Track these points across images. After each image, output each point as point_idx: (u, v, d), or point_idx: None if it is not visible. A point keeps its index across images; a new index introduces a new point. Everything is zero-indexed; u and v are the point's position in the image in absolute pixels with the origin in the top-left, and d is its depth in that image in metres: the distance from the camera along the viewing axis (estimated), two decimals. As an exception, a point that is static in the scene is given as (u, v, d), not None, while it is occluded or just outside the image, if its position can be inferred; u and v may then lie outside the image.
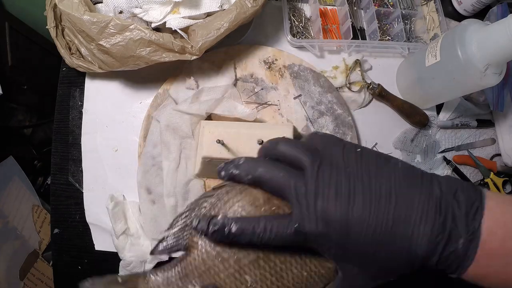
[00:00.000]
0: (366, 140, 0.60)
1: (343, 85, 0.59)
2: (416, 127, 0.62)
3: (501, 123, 0.65)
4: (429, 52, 0.54)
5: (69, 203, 0.55)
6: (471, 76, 0.48)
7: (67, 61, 0.53)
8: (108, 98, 0.57)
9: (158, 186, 0.51)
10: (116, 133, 0.56)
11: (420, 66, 0.56)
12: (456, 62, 0.48)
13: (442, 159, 0.63)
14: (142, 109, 0.56)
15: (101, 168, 0.55)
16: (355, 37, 0.62)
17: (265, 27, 0.61)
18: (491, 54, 0.46)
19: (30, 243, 0.83)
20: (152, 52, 0.48)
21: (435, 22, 0.65)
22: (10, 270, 0.81)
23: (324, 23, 0.63)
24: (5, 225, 0.82)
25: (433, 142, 0.63)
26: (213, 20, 0.49)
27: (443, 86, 0.54)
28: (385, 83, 0.61)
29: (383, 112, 0.62)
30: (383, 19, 0.66)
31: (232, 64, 0.57)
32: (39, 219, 0.83)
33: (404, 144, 0.61)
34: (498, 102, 0.61)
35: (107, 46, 0.48)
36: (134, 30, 0.47)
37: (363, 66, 0.62)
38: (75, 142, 0.56)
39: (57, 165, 0.56)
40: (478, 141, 0.65)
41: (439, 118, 0.64)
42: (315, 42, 0.60)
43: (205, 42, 0.49)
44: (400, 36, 0.62)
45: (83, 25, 0.47)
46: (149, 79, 0.57)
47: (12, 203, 0.83)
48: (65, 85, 0.58)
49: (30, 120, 0.90)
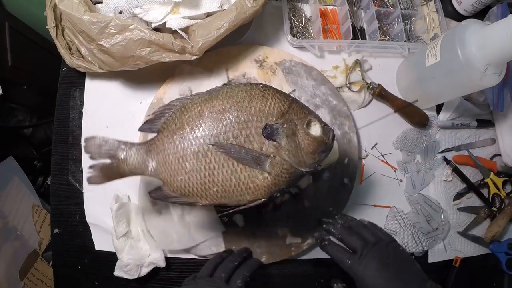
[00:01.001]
0: (366, 140, 0.60)
1: (343, 85, 0.59)
2: (416, 127, 0.62)
3: (501, 123, 0.65)
4: (429, 52, 0.54)
5: (69, 203, 0.55)
6: (471, 76, 0.48)
7: (67, 61, 0.53)
8: (108, 98, 0.57)
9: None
10: (116, 133, 0.55)
11: (420, 66, 0.56)
12: (456, 62, 0.48)
13: (442, 159, 0.63)
14: (142, 109, 0.56)
15: (101, 168, 0.55)
16: (355, 37, 0.62)
17: (265, 27, 0.61)
18: (491, 54, 0.46)
19: (30, 243, 0.83)
20: (152, 52, 0.48)
21: (435, 22, 0.65)
22: (10, 270, 0.81)
23: (324, 23, 0.63)
24: (5, 225, 0.82)
25: (433, 142, 0.63)
26: (213, 20, 0.49)
27: (443, 86, 0.54)
28: (385, 83, 0.61)
29: (383, 112, 0.62)
30: (383, 19, 0.66)
31: (223, 67, 0.57)
32: (39, 219, 0.83)
33: (404, 144, 0.61)
34: (498, 102, 0.61)
35: (107, 46, 0.48)
36: (134, 30, 0.47)
37: (363, 66, 0.62)
38: (75, 142, 0.56)
39: (57, 165, 0.56)
40: (478, 141, 0.65)
41: (439, 118, 0.64)
42: (315, 42, 0.60)
43: (205, 42, 0.48)
44: (400, 36, 0.62)
45: (83, 25, 0.47)
46: (149, 79, 0.57)
47: (12, 203, 0.83)
48: (65, 85, 0.58)
49: (30, 120, 0.90)
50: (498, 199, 0.63)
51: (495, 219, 0.62)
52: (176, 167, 0.36)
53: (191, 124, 0.36)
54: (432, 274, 0.61)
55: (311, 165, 0.35)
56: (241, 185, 0.35)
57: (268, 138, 0.34)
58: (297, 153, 0.35)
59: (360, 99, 0.60)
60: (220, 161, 0.34)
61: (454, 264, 0.60)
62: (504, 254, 0.63)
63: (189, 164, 0.35)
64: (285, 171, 0.35)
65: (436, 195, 0.62)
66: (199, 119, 0.36)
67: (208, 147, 0.35)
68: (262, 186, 0.35)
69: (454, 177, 0.63)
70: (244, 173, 0.34)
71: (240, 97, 0.35)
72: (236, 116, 0.35)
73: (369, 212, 0.59)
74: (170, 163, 0.36)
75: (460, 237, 0.63)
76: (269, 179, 0.35)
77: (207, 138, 0.35)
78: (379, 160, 0.61)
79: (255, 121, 0.34)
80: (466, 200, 0.64)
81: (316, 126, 0.36)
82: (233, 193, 0.35)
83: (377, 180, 0.60)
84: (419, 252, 0.60)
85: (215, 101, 0.36)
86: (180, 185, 0.36)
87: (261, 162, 0.34)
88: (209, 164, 0.35)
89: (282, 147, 0.34)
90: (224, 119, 0.35)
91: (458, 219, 0.63)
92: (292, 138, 0.34)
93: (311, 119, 0.36)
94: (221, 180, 0.35)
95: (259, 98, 0.35)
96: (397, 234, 0.59)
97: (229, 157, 0.34)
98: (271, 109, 0.35)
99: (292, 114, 0.35)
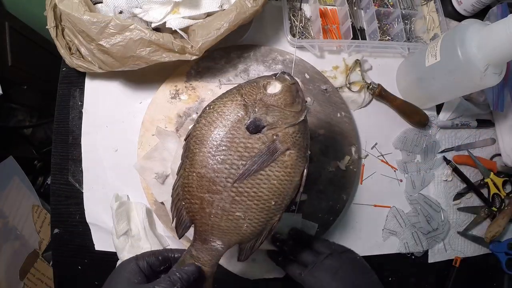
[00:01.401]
0: (366, 140, 0.60)
1: (343, 85, 0.59)
2: (416, 127, 0.62)
3: (501, 123, 0.65)
4: (429, 52, 0.54)
5: (69, 203, 0.55)
6: (471, 76, 0.48)
7: (67, 61, 0.53)
8: (108, 98, 0.57)
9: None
10: (116, 133, 0.56)
11: (420, 66, 0.56)
12: (456, 62, 0.48)
13: (442, 159, 0.63)
14: (142, 109, 0.56)
15: (101, 168, 0.55)
16: (355, 37, 0.62)
17: (265, 27, 0.61)
18: (491, 54, 0.46)
19: (30, 243, 0.83)
20: (152, 52, 0.48)
21: (435, 22, 0.65)
22: (10, 270, 0.81)
23: (324, 23, 0.63)
24: (5, 225, 0.82)
25: (433, 142, 0.63)
26: (213, 20, 0.49)
27: (443, 86, 0.54)
28: (385, 83, 0.61)
29: (383, 112, 0.62)
30: (383, 19, 0.66)
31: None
32: (39, 219, 0.83)
33: (404, 144, 0.61)
34: (498, 102, 0.61)
35: (107, 46, 0.48)
36: (134, 30, 0.47)
37: (363, 66, 0.62)
38: (75, 142, 0.56)
39: (57, 165, 0.56)
40: (478, 141, 0.65)
41: (439, 118, 0.64)
42: (315, 42, 0.60)
43: (205, 42, 0.48)
44: (400, 36, 0.62)
45: (83, 25, 0.47)
46: (149, 79, 0.57)
47: (12, 203, 0.83)
48: (65, 85, 0.58)
49: (30, 120, 0.90)
50: (498, 199, 0.63)
51: (495, 219, 0.62)
52: (235, 223, 0.36)
53: (205, 188, 0.35)
54: (432, 274, 0.61)
55: (302, 108, 0.36)
56: (283, 177, 0.35)
57: (258, 131, 0.35)
58: (285, 114, 0.35)
59: (360, 99, 0.60)
60: (253, 184, 0.35)
61: (454, 264, 0.60)
62: (504, 254, 0.63)
63: (239, 212, 0.35)
64: (295, 134, 0.35)
65: (436, 195, 0.62)
66: (206, 180, 0.35)
67: (236, 187, 0.35)
68: (294, 161, 0.35)
69: (454, 177, 0.63)
70: (275, 169, 0.35)
71: (208, 131, 0.35)
72: (223, 145, 0.34)
73: (369, 212, 0.59)
74: (228, 228, 0.36)
75: (460, 237, 0.63)
76: (293, 151, 0.35)
77: (226, 182, 0.35)
78: (379, 160, 0.61)
79: (237, 131, 0.35)
80: (466, 200, 0.64)
81: (272, 83, 0.36)
82: (284, 190, 0.35)
83: (377, 180, 0.60)
84: (419, 252, 0.60)
85: (197, 156, 0.35)
86: (248, 231, 0.36)
87: (274, 149, 0.34)
88: (249, 195, 0.35)
89: (273, 124, 0.35)
90: (219, 157, 0.34)
91: (458, 219, 0.63)
92: (270, 110, 0.35)
93: (264, 85, 0.36)
94: (269, 193, 0.35)
95: (221, 114, 0.35)
96: (397, 234, 0.59)
97: (255, 175, 0.34)
98: (235, 112, 0.35)
99: (250, 97, 0.35)
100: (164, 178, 0.52)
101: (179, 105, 0.55)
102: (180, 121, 0.55)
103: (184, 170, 0.37)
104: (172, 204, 0.38)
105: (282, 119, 0.35)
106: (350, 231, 0.58)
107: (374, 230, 0.59)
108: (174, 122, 0.55)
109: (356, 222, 0.59)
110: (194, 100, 0.56)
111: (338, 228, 0.58)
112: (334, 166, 0.56)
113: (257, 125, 0.35)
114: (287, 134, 0.35)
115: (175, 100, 0.56)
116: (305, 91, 0.57)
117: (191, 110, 0.56)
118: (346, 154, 0.57)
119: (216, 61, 0.57)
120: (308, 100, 0.57)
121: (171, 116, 0.55)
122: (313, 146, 0.56)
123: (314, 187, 0.55)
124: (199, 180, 0.35)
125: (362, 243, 0.58)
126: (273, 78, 0.37)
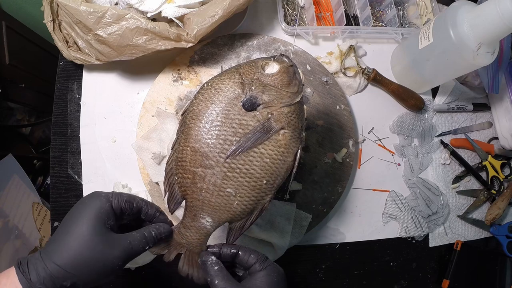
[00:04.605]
0: (363, 125, 0.61)
1: (338, 70, 0.60)
2: (412, 111, 0.63)
3: (497, 106, 0.65)
4: (422, 34, 0.54)
5: (69, 195, 0.55)
6: (464, 55, 0.49)
7: (65, 54, 0.54)
8: (106, 90, 0.58)
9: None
10: (114, 124, 0.56)
11: (414, 49, 0.56)
12: (448, 42, 0.49)
13: (440, 142, 0.63)
14: (139, 100, 0.56)
15: (100, 159, 0.55)
16: (348, 23, 0.62)
17: (259, 16, 0.62)
18: (482, 33, 0.46)
19: (30, 241, 0.83)
20: (148, 41, 0.49)
21: (427, 8, 0.65)
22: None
23: (317, 11, 0.63)
24: (6, 224, 0.82)
25: (430, 126, 0.63)
26: (208, 8, 0.50)
27: (437, 67, 0.55)
28: (380, 69, 0.61)
29: (379, 97, 0.63)
30: (375, 6, 0.66)
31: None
32: (40, 216, 0.83)
33: (400, 128, 0.62)
34: (494, 84, 0.61)
35: (104, 36, 0.48)
36: (130, 19, 0.48)
37: (358, 52, 0.63)
38: (73, 134, 0.56)
39: (56, 158, 0.56)
40: (475, 125, 0.66)
41: (435, 102, 0.64)
42: (309, 29, 0.60)
43: (200, 29, 0.49)
44: (393, 22, 0.63)
45: (80, 15, 0.47)
46: (146, 70, 0.58)
47: (12, 201, 0.82)
48: (63, 78, 0.59)
49: (29, 119, 0.91)
50: (497, 182, 0.63)
51: (495, 201, 0.62)
52: (226, 200, 0.36)
53: (197, 163, 0.35)
54: (434, 259, 0.61)
55: (298, 90, 0.36)
56: (276, 156, 0.35)
57: (254, 109, 0.35)
58: (281, 94, 0.35)
59: (355, 84, 0.60)
60: (246, 161, 0.35)
61: (455, 247, 0.60)
62: (505, 237, 0.63)
63: (230, 189, 0.35)
64: (290, 113, 0.35)
65: (434, 178, 0.62)
66: (199, 155, 0.35)
67: (228, 163, 0.35)
68: (288, 141, 0.35)
69: (452, 161, 0.64)
70: (268, 147, 0.35)
71: (205, 106, 0.35)
72: (218, 121, 0.35)
73: (368, 196, 0.59)
74: (218, 204, 0.36)
75: (460, 221, 0.63)
76: (287, 131, 0.35)
77: (219, 157, 0.35)
78: (377, 144, 0.61)
79: (232, 108, 0.35)
80: (465, 184, 0.64)
81: (270, 64, 0.36)
82: (276, 169, 0.35)
83: (375, 164, 0.60)
84: (420, 236, 0.60)
85: (192, 130, 0.35)
86: (238, 208, 0.36)
87: (268, 127, 0.35)
88: (241, 171, 0.35)
89: (269, 102, 0.35)
90: (213, 132, 0.35)
91: (458, 203, 0.63)
92: (267, 89, 0.35)
93: (263, 65, 0.36)
94: (261, 171, 0.35)
95: (218, 91, 0.35)
96: (397, 218, 0.59)
97: (248, 152, 0.35)
98: (232, 90, 0.35)
99: (247, 76, 0.36)
100: (160, 159, 0.52)
101: (180, 88, 0.56)
102: (181, 103, 0.55)
103: (179, 144, 0.37)
104: (165, 178, 0.38)
105: (278, 98, 0.35)
106: (349, 215, 0.58)
107: (374, 215, 0.59)
108: (174, 105, 0.55)
109: (355, 207, 0.59)
110: (196, 84, 0.56)
111: (338, 213, 0.58)
112: (330, 157, 0.56)
113: (253, 103, 0.35)
114: (282, 113, 0.35)
115: (177, 83, 0.56)
116: (305, 82, 0.58)
117: (192, 94, 0.56)
118: (343, 146, 0.57)
119: (220, 47, 0.58)
120: (308, 91, 0.58)
121: (172, 98, 0.55)
122: (310, 136, 0.56)
123: (310, 177, 0.55)
124: (192, 154, 0.35)
125: (363, 228, 0.58)
126: (272, 59, 0.37)
